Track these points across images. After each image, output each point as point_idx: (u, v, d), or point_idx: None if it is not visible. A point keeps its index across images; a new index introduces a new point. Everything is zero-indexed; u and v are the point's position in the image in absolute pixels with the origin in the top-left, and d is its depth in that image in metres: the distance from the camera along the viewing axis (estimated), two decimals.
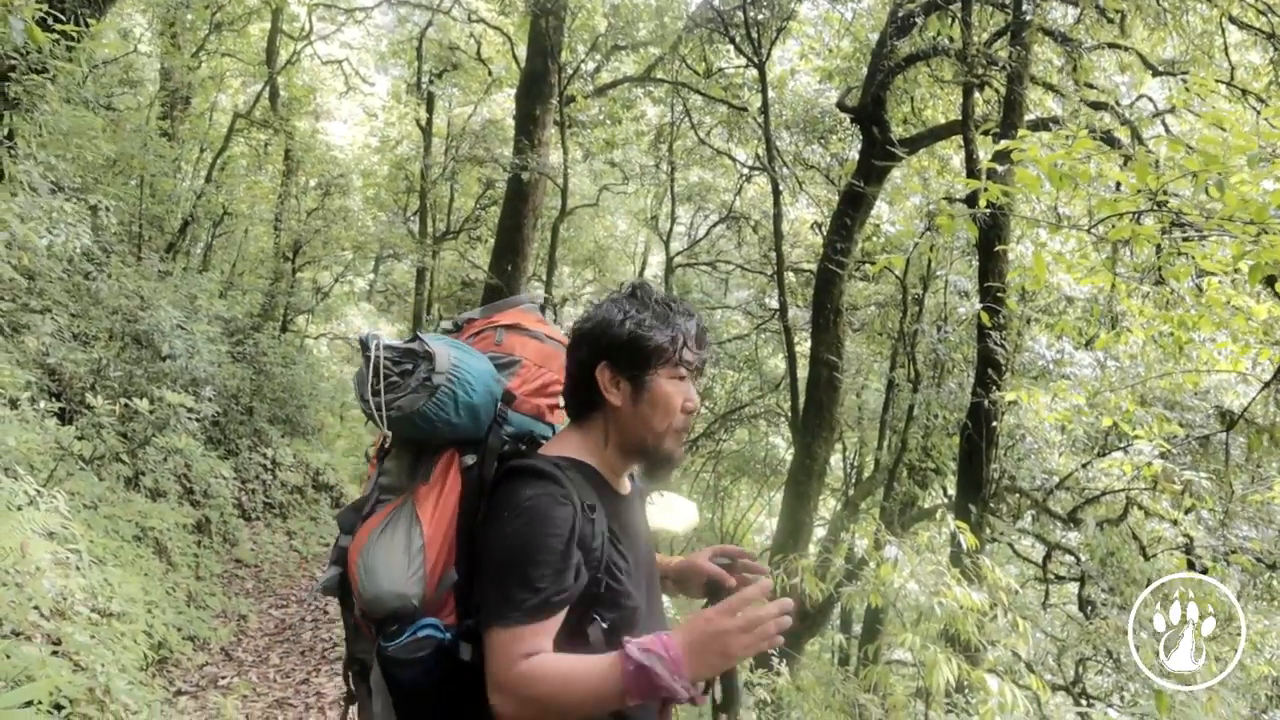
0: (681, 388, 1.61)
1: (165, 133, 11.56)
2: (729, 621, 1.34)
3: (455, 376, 1.58)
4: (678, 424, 1.61)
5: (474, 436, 1.62)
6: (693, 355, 1.61)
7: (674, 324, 1.60)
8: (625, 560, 1.55)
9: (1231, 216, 2.71)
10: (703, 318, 1.68)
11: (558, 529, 1.43)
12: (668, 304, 1.62)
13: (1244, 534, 7.93)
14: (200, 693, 5.19)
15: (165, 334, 7.88)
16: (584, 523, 1.46)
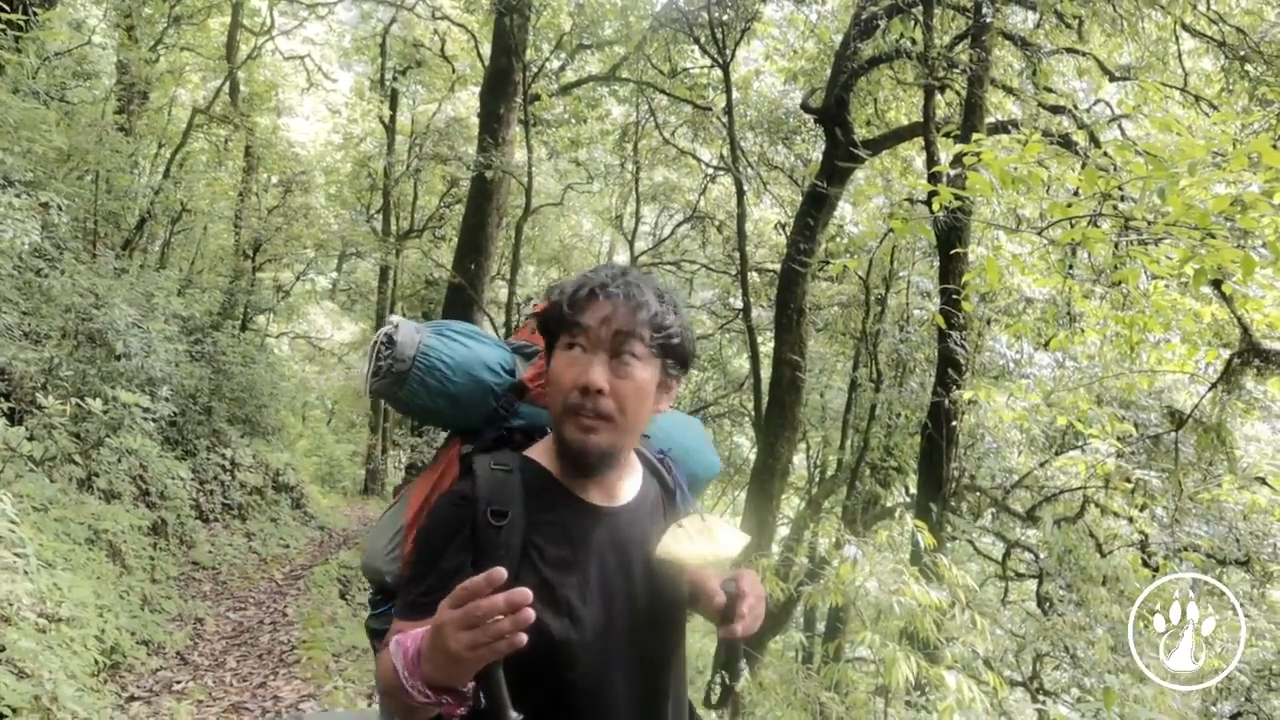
0: (574, 359, 1.36)
1: (122, 127, 11.33)
2: (446, 614, 1.09)
3: (422, 364, 1.59)
4: (570, 403, 1.34)
5: (473, 425, 1.62)
6: (572, 317, 1.36)
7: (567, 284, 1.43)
8: (558, 578, 1.35)
9: (1177, 221, 2.75)
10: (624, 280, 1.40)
11: (440, 532, 1.37)
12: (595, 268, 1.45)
13: (1196, 531, 8.09)
14: (153, 698, 5.10)
15: (120, 332, 7.73)
16: (486, 530, 1.33)
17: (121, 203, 11.28)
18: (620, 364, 1.36)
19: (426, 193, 20.85)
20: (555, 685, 1.32)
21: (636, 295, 1.37)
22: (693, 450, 1.74)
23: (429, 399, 1.61)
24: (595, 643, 1.34)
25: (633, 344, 1.36)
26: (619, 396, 1.35)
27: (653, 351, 1.38)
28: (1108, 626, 7.29)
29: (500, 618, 1.06)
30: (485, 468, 1.41)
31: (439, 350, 1.60)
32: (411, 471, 10.34)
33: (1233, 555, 8.09)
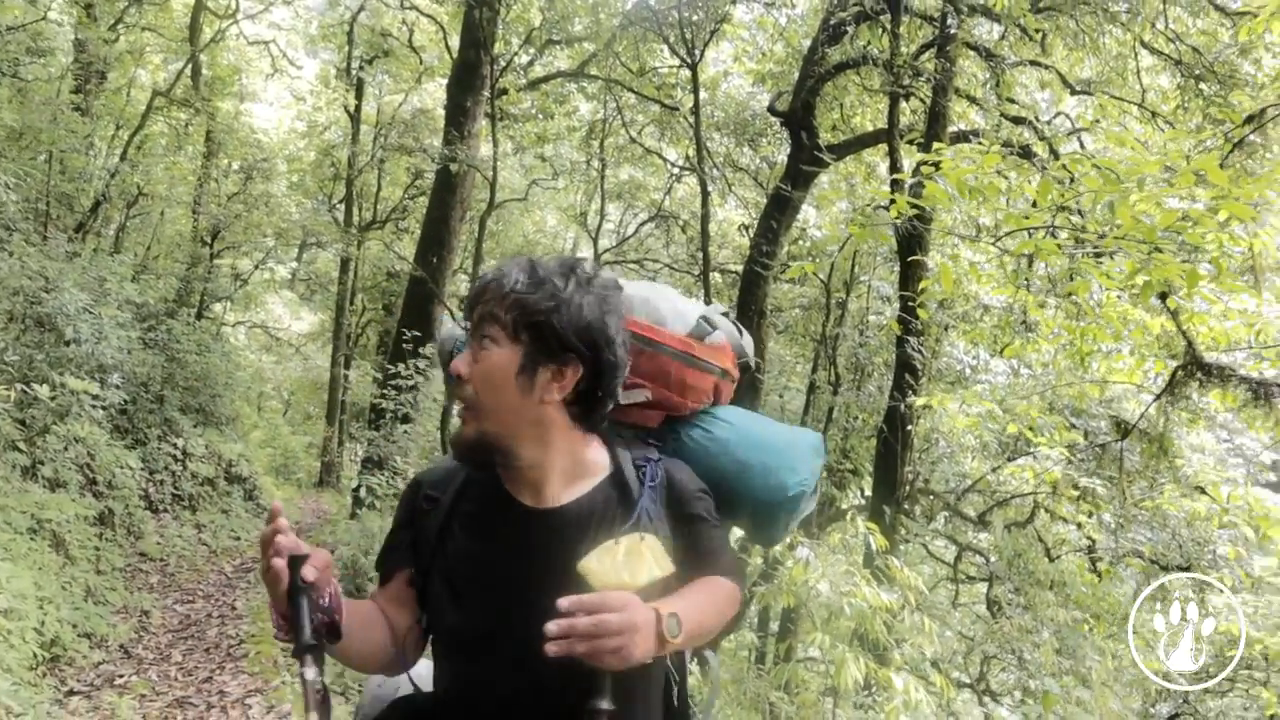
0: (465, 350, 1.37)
1: (78, 107, 11.09)
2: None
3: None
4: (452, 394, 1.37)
5: None
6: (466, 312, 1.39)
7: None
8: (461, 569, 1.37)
9: (1127, 235, 2.81)
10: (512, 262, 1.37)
11: (399, 508, 1.49)
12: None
13: (1140, 537, 8.27)
14: (94, 692, 5.00)
15: (70, 317, 7.58)
16: (420, 514, 1.44)
17: (75, 184, 11.04)
18: (479, 348, 1.33)
19: (390, 184, 20.66)
20: (459, 674, 1.39)
21: (504, 276, 1.34)
22: (753, 467, 1.54)
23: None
24: (493, 641, 1.33)
25: (489, 326, 1.33)
26: (475, 382, 1.32)
27: (509, 332, 1.32)
28: (1053, 630, 7.43)
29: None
30: (449, 458, 1.47)
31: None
32: (368, 465, 10.23)
33: (1175, 561, 8.28)
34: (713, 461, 1.54)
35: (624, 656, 1.17)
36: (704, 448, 1.56)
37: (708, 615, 1.35)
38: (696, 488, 1.47)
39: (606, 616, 1.16)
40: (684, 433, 1.58)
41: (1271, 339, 4.65)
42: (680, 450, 1.55)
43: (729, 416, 1.62)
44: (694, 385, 1.57)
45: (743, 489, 1.54)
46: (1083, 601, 7.64)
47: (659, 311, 1.56)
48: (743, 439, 1.57)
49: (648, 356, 1.51)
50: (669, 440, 1.57)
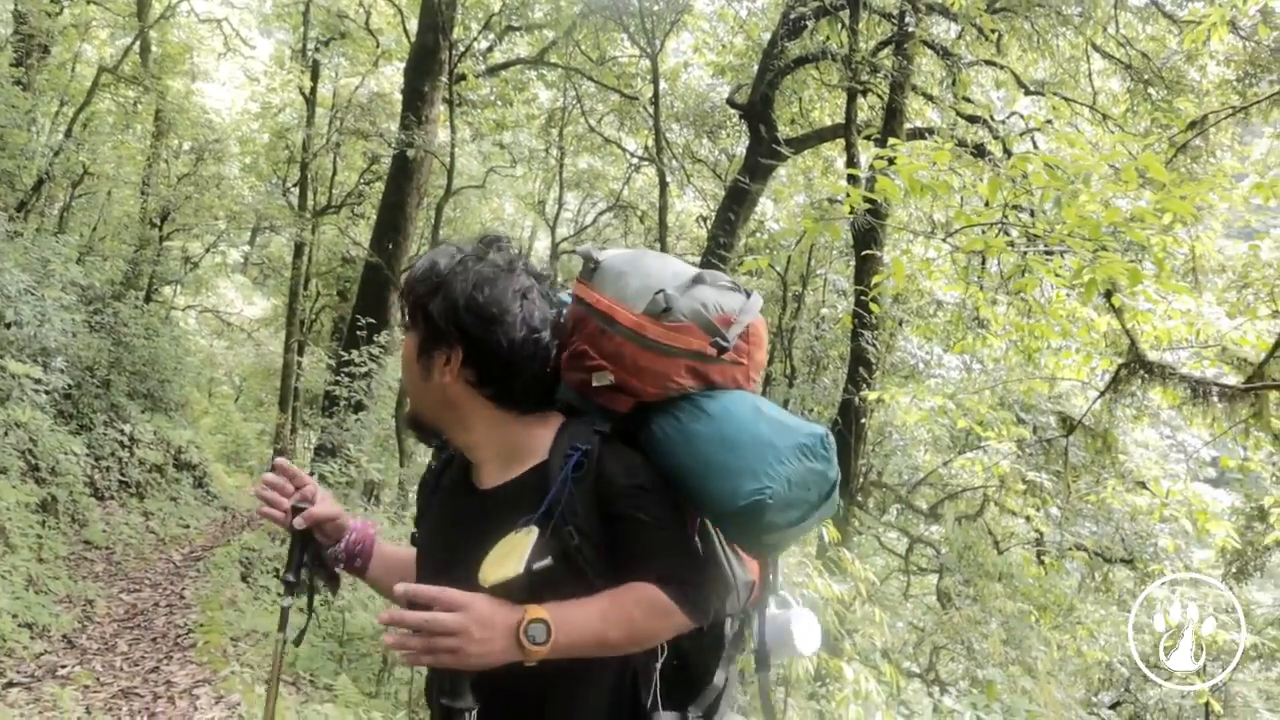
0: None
1: (19, 81, 10.76)
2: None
3: None
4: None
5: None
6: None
7: None
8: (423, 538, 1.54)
9: (1072, 232, 2.88)
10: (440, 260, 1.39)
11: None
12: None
13: (1085, 531, 8.47)
14: (35, 684, 4.89)
15: (11, 299, 7.37)
16: (427, 482, 1.60)
17: (17, 161, 10.71)
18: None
19: (346, 168, 20.35)
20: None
21: (420, 271, 1.40)
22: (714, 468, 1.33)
23: None
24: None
25: (405, 317, 1.41)
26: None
27: (408, 319, 1.40)
28: (1001, 620, 7.60)
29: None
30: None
31: None
32: (321, 452, 10.11)
33: (1118, 554, 8.51)
34: (675, 455, 1.37)
35: (460, 658, 1.15)
36: (670, 439, 1.38)
37: (607, 625, 1.26)
38: (630, 483, 1.35)
39: (440, 615, 1.15)
40: (655, 421, 1.41)
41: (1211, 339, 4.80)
42: (649, 441, 1.41)
43: (713, 406, 1.39)
44: (648, 368, 1.38)
45: (699, 490, 1.35)
46: (1029, 593, 7.81)
47: (627, 288, 1.41)
48: (714, 434, 1.36)
49: (607, 336, 1.39)
50: (642, 429, 1.43)
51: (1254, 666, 10.19)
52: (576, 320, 1.44)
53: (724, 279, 1.48)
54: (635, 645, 1.32)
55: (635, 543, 1.33)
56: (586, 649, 1.25)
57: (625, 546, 1.32)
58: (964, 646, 7.94)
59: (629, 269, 1.44)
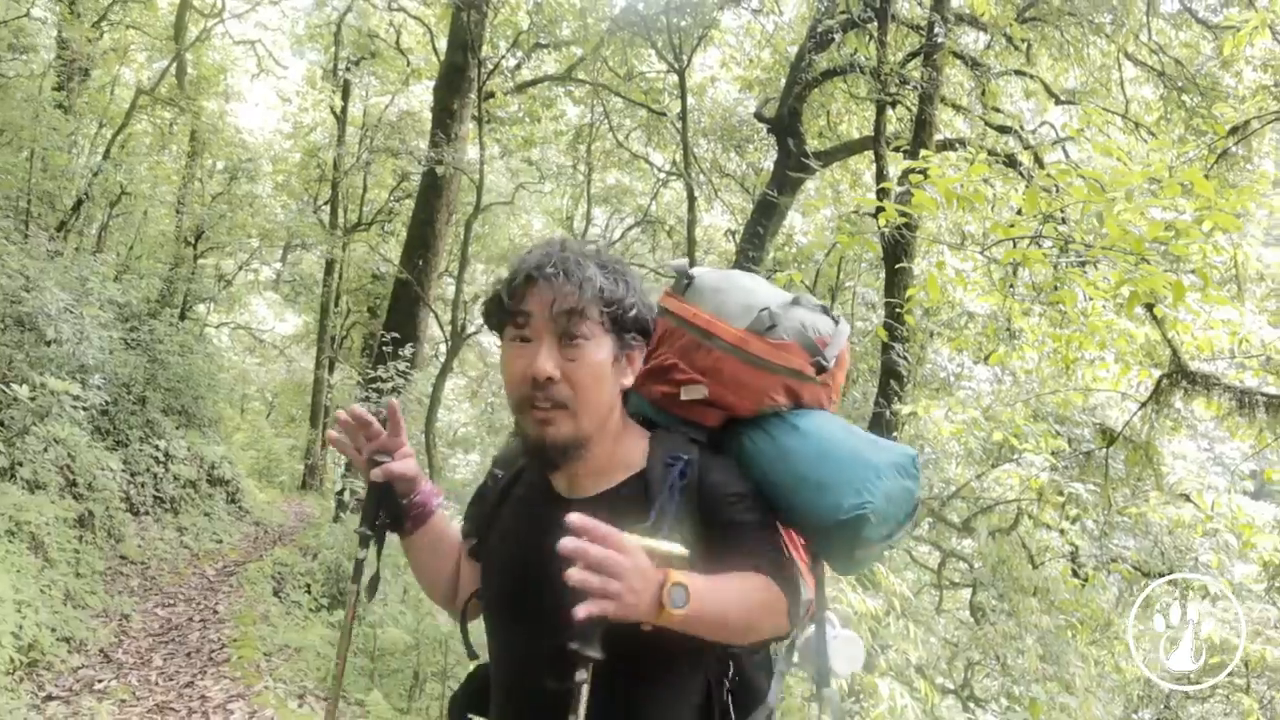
0: (522, 350, 1.31)
1: (60, 105, 11.00)
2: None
3: None
4: (523, 396, 1.30)
5: None
6: (514, 304, 1.31)
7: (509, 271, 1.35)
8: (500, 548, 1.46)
9: (1113, 245, 2.83)
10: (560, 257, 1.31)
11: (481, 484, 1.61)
12: (524, 252, 1.37)
13: (1123, 544, 8.32)
14: (73, 697, 4.94)
15: (51, 317, 7.50)
16: (486, 488, 1.57)
17: (58, 183, 10.93)
18: (571, 347, 1.29)
19: (376, 186, 20.57)
20: (492, 637, 1.47)
21: (577, 272, 1.29)
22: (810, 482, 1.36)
23: None
24: (509, 619, 1.42)
25: (580, 324, 1.29)
26: (572, 381, 1.29)
27: (605, 327, 1.31)
28: (1037, 636, 7.47)
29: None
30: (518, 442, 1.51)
31: None
32: (351, 468, 10.16)
33: (1157, 568, 8.34)
34: (769, 469, 1.41)
35: (622, 604, 1.10)
36: (763, 453, 1.42)
37: (730, 605, 1.24)
38: (732, 491, 1.36)
39: (615, 556, 1.10)
40: (746, 435, 1.45)
41: (1254, 348, 4.70)
42: (740, 454, 1.44)
43: (805, 423, 1.43)
44: (748, 384, 1.43)
45: (797, 504, 1.38)
46: (1066, 608, 7.68)
47: (726, 304, 1.46)
48: (808, 449, 1.40)
49: (705, 351, 1.44)
50: (729, 442, 1.46)
51: None
52: (665, 333, 1.47)
53: (816, 302, 1.53)
54: (745, 635, 1.32)
55: (742, 544, 1.33)
56: (709, 626, 1.22)
57: (730, 550, 1.31)
58: (999, 662, 7.82)
59: (727, 285, 1.49)
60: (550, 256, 1.31)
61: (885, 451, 1.42)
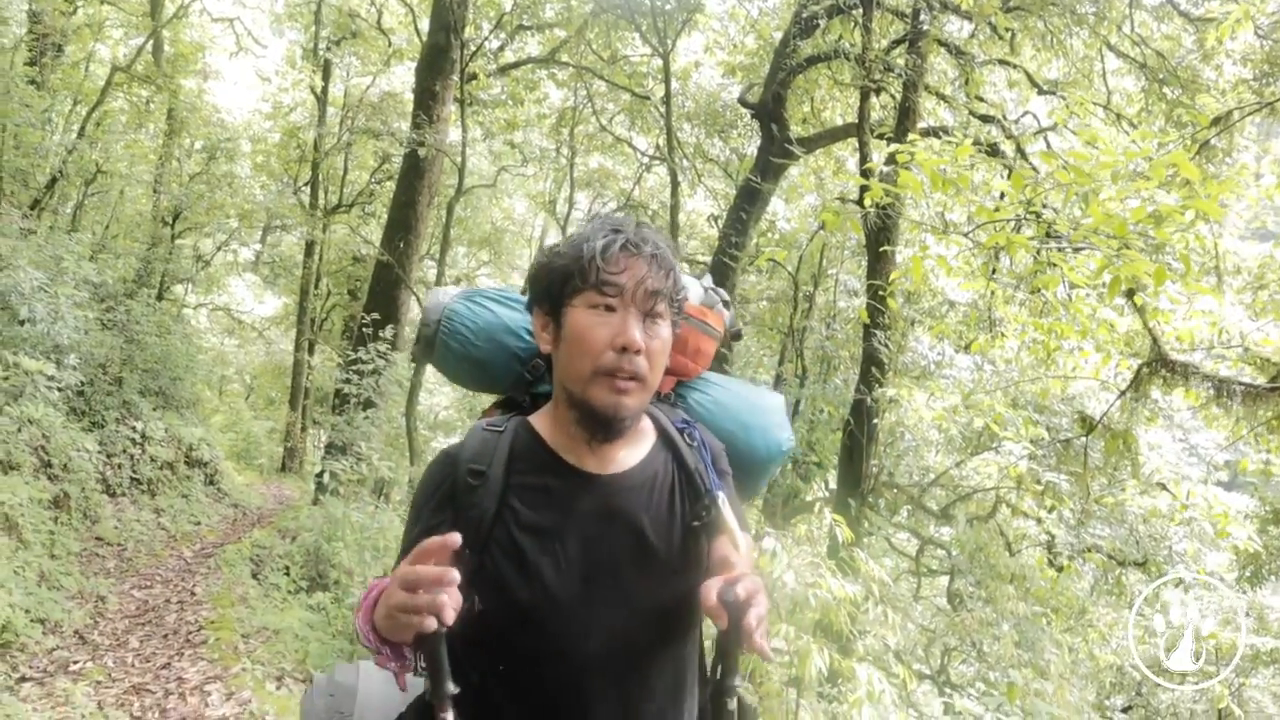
0: (606, 319, 1.31)
1: (33, 80, 10.80)
2: (402, 567, 1.12)
3: (445, 328, 1.67)
4: (604, 364, 1.30)
5: (503, 389, 1.70)
6: (608, 273, 1.31)
7: (584, 242, 1.34)
8: (531, 544, 1.32)
9: (1097, 230, 2.84)
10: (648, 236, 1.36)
11: (426, 488, 1.40)
12: (605, 222, 1.39)
13: (1099, 533, 8.41)
14: (47, 678, 4.89)
15: (24, 296, 7.39)
16: (464, 490, 1.35)
17: (31, 160, 10.75)
18: (651, 324, 1.34)
19: (357, 167, 20.39)
20: (522, 650, 1.31)
21: (665, 255, 1.36)
22: (752, 428, 1.69)
23: (456, 363, 1.70)
24: (568, 612, 1.31)
25: (662, 304, 1.35)
26: (651, 356, 1.33)
27: (671, 310, 1.38)
28: (1013, 623, 7.54)
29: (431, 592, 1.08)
30: (478, 429, 1.43)
31: (462, 315, 1.67)
32: (331, 450, 10.12)
33: (1132, 557, 8.44)
34: (717, 423, 1.64)
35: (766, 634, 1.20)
36: (708, 410, 1.67)
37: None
38: (720, 447, 1.54)
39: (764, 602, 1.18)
40: (689, 396, 1.69)
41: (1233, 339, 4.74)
42: (689, 412, 1.63)
43: (716, 380, 1.73)
44: (704, 351, 1.68)
45: (745, 448, 1.65)
46: (1042, 595, 7.75)
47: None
48: (738, 401, 1.70)
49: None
50: (676, 404, 1.66)
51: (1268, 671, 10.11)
52: None
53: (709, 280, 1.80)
54: None
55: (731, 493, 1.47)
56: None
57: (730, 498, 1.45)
58: (975, 648, 7.89)
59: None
60: (644, 235, 1.36)
61: (777, 395, 1.80)
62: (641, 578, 1.34)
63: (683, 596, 1.34)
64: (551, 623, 1.30)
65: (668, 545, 1.36)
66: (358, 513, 7.89)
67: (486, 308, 1.68)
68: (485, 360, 1.66)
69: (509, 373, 1.65)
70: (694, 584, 1.27)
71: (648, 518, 1.36)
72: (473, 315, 1.67)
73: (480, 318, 1.67)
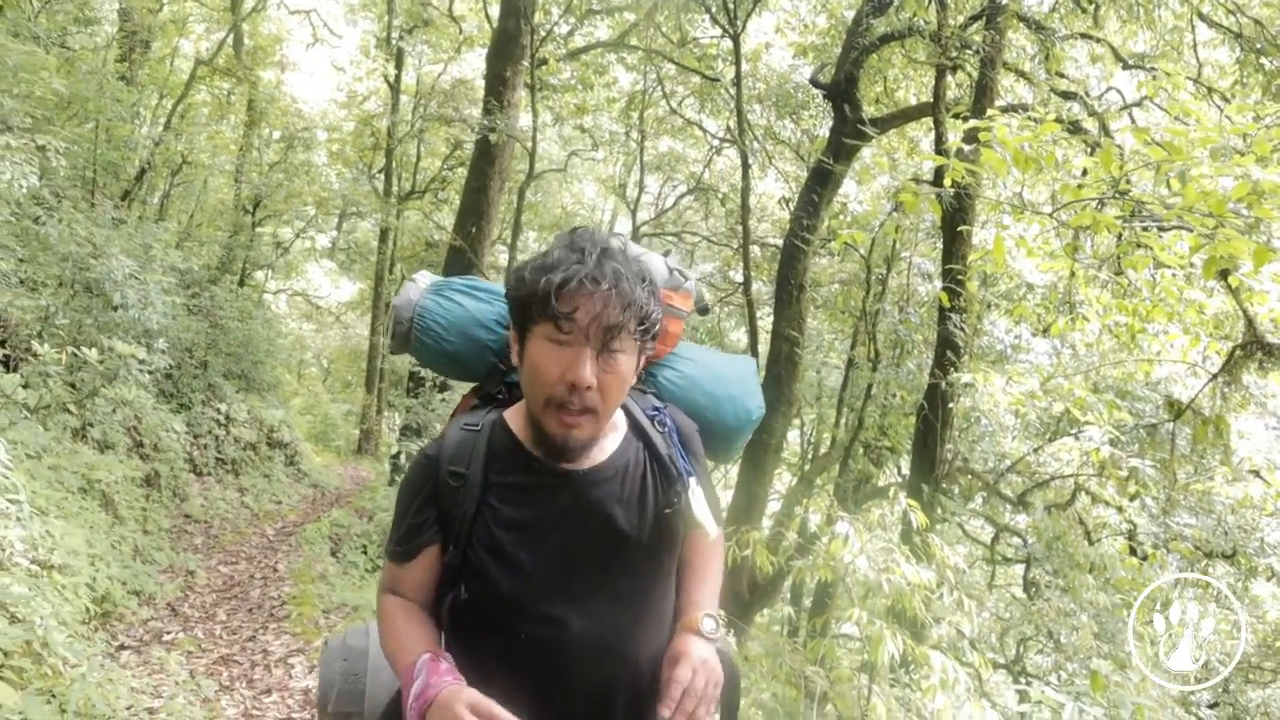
0: (559, 354, 1.32)
1: (123, 76, 11.20)
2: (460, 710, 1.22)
3: (418, 324, 1.69)
4: (555, 396, 1.33)
5: (478, 379, 1.70)
6: (562, 310, 1.30)
7: (545, 272, 1.33)
8: (510, 538, 1.39)
9: (1191, 209, 2.73)
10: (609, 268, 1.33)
11: (410, 488, 1.46)
12: (574, 245, 1.37)
13: (1185, 522, 8.13)
14: (143, 647, 5.12)
15: (117, 283, 7.68)
16: (446, 490, 1.42)
17: (121, 153, 11.17)
18: (607, 358, 1.34)
19: (429, 154, 20.70)
20: (508, 637, 1.39)
21: (626, 290, 1.33)
22: (721, 399, 1.72)
23: (432, 357, 1.72)
24: (549, 601, 1.38)
25: (621, 339, 1.34)
26: (604, 390, 1.34)
27: (636, 339, 1.37)
28: (1092, 613, 7.35)
29: None
30: (456, 428, 1.49)
31: (433, 311, 1.69)
32: (406, 432, 10.34)
33: (1220, 548, 8.14)
34: (687, 398, 1.69)
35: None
36: (679, 386, 1.70)
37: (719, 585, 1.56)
38: (692, 428, 1.60)
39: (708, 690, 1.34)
40: (659, 374, 1.71)
41: None
42: (660, 392, 1.68)
43: (691, 354, 1.76)
44: (672, 332, 1.69)
45: (715, 419, 1.71)
46: (1123, 586, 7.54)
47: (650, 266, 1.59)
48: (706, 373, 1.74)
49: None
50: (646, 383, 1.68)
51: None
52: None
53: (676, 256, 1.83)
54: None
55: (707, 481, 1.55)
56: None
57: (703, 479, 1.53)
58: (1052, 638, 7.72)
59: (639, 251, 1.65)
60: (603, 269, 1.33)
61: (748, 361, 1.85)
62: (617, 565, 1.42)
63: (657, 577, 1.47)
64: (533, 610, 1.38)
65: (640, 532, 1.42)
66: None
67: (456, 302, 1.70)
68: (458, 354, 1.68)
69: (482, 364, 1.68)
70: (668, 563, 1.48)
71: (621, 509, 1.42)
72: (443, 310, 1.69)
73: (450, 313, 1.68)
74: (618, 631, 1.41)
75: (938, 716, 4.52)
